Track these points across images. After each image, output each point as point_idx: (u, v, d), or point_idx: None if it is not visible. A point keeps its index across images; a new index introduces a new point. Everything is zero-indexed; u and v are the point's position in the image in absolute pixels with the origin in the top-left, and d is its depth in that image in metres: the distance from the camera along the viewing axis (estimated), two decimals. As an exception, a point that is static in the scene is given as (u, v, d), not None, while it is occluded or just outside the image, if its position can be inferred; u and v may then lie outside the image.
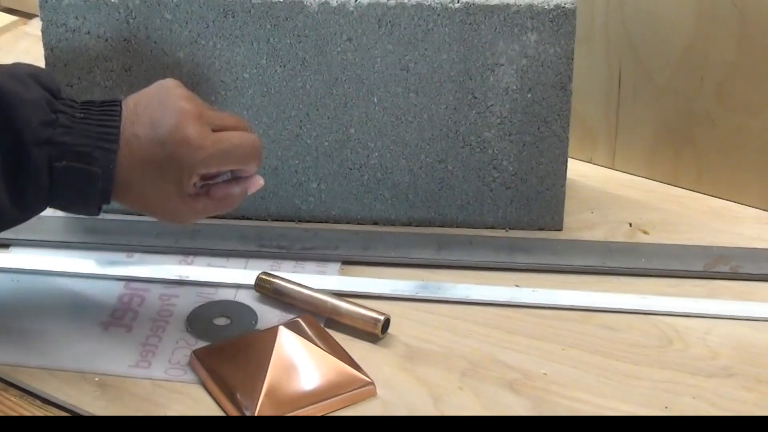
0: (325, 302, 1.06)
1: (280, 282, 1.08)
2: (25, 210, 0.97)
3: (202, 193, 1.00)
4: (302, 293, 1.07)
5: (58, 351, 1.03)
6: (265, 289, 1.08)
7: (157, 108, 0.98)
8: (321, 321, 1.05)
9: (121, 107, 0.99)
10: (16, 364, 1.01)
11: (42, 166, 0.95)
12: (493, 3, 1.09)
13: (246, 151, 1.00)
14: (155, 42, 1.13)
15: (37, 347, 1.03)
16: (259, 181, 1.03)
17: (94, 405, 0.97)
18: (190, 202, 1.00)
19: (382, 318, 1.04)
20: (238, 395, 0.96)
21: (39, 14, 1.14)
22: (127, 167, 0.97)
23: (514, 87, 1.12)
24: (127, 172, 0.97)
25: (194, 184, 0.99)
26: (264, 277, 1.09)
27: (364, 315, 1.04)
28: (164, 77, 1.13)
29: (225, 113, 1.05)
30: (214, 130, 0.99)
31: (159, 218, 1.04)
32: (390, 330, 1.05)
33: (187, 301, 1.08)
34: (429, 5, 1.10)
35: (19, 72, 0.98)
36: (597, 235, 1.18)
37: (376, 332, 1.04)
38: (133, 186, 0.98)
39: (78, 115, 0.98)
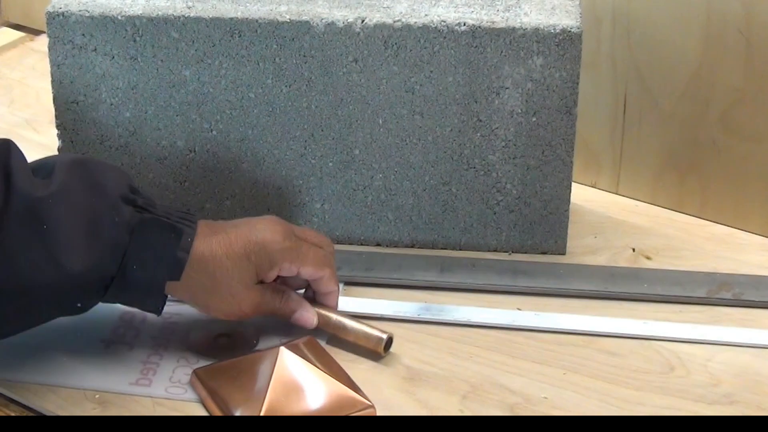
0: (330, 317, 1.06)
1: None
2: (94, 271, 0.96)
3: (270, 287, 1.04)
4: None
5: (59, 368, 1.03)
6: None
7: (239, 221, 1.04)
8: (323, 340, 1.05)
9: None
10: (17, 381, 1.01)
11: (126, 219, 0.97)
12: (499, 26, 1.09)
13: (321, 255, 1.04)
14: (161, 60, 1.14)
15: (39, 364, 1.03)
16: (310, 319, 1.05)
17: (93, 422, 0.98)
18: (256, 292, 1.02)
19: (385, 336, 1.04)
20: (238, 415, 0.96)
21: (46, 31, 1.14)
22: (204, 259, 0.99)
23: (519, 110, 1.12)
24: (203, 261, 0.99)
25: (274, 276, 1.03)
26: None
27: (368, 333, 1.04)
28: (170, 96, 1.14)
29: (309, 230, 1.08)
30: None
31: (212, 308, 1.03)
32: (392, 351, 1.05)
33: (188, 320, 1.08)
34: (435, 28, 1.10)
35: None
36: (600, 259, 1.18)
37: (378, 350, 1.04)
38: (203, 276, 0.99)
39: (157, 202, 1.02)
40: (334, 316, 1.06)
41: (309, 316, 1.05)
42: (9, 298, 0.94)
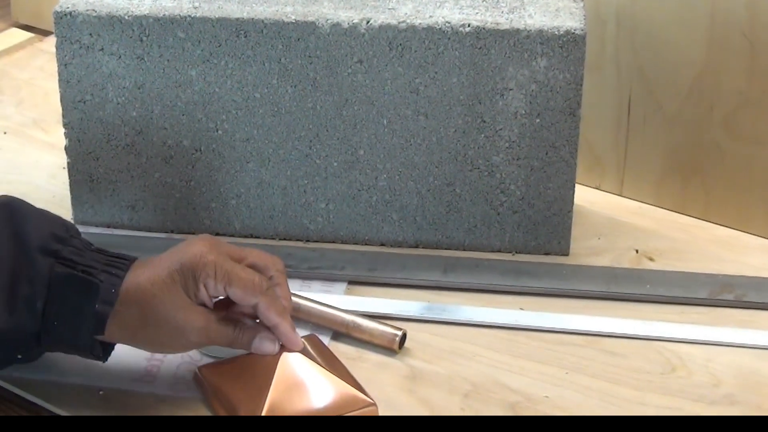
0: (343, 317, 1.07)
1: (297, 299, 1.08)
2: (15, 330, 0.92)
3: (218, 314, 0.97)
4: (319, 309, 1.08)
5: (63, 364, 1.03)
6: None
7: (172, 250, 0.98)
8: (326, 337, 1.06)
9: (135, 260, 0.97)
10: (22, 377, 1.02)
11: (42, 274, 0.92)
12: (503, 28, 1.10)
13: (248, 279, 0.96)
14: (168, 60, 1.14)
15: (43, 360, 1.03)
16: (269, 346, 0.99)
17: (97, 418, 0.98)
18: (197, 315, 0.96)
19: (399, 333, 1.05)
20: (241, 413, 0.97)
21: (54, 31, 1.15)
22: (131, 295, 0.94)
23: (523, 112, 1.13)
24: (131, 297, 0.94)
25: (206, 296, 0.96)
26: None
27: (382, 330, 1.05)
28: (176, 95, 1.15)
29: (250, 249, 1.00)
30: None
31: (157, 343, 0.97)
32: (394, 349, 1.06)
33: (193, 318, 1.09)
34: (440, 29, 1.11)
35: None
36: (603, 261, 1.18)
37: (393, 347, 1.05)
38: (134, 311, 0.94)
39: (91, 247, 0.96)
40: (348, 316, 1.07)
41: (268, 344, 0.98)
42: None
